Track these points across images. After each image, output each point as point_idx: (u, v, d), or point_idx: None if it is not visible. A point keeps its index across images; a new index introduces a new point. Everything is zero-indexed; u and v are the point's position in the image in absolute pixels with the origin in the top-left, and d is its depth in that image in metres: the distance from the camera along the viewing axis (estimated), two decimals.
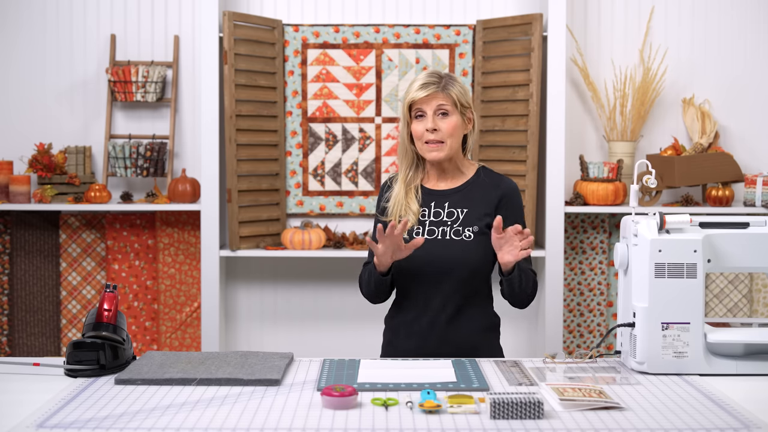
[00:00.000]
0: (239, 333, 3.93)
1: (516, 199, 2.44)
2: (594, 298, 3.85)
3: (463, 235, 2.39)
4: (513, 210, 2.42)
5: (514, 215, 2.41)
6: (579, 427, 1.71)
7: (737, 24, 3.88)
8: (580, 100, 3.90)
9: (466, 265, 2.38)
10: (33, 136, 3.83)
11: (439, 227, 2.41)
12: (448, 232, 2.40)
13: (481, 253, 2.38)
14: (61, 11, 3.86)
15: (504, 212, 2.39)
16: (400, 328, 2.46)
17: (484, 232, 2.38)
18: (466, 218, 2.40)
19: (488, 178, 2.45)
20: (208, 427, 1.71)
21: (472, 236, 2.39)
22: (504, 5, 3.86)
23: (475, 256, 2.38)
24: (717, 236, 2.15)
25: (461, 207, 2.42)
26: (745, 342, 2.14)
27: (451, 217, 2.41)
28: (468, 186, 2.44)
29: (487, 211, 2.40)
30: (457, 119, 2.38)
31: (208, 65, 3.62)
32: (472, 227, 2.39)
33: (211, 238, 3.65)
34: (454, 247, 2.38)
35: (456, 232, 2.40)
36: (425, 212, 2.43)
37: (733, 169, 3.69)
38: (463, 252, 2.38)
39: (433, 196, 2.45)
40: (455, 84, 2.38)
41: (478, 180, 2.45)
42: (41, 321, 3.85)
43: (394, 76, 3.80)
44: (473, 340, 2.42)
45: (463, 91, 2.40)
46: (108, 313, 2.15)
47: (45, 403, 1.85)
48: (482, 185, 2.43)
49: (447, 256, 2.38)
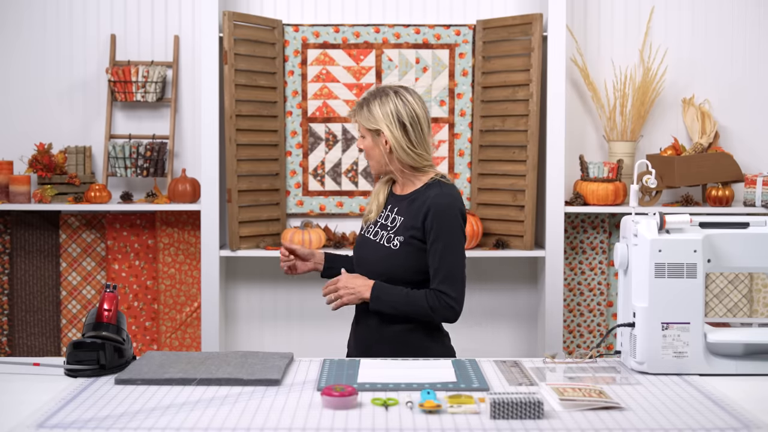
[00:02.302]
0: (239, 333, 3.93)
1: (440, 214, 2.42)
2: (594, 298, 3.85)
3: (392, 243, 2.48)
4: (436, 226, 2.42)
5: (436, 232, 2.42)
6: (579, 427, 1.71)
7: (737, 24, 3.88)
8: (580, 100, 3.90)
9: (388, 271, 2.46)
10: (33, 136, 3.83)
11: (382, 231, 2.52)
12: (384, 238, 2.50)
13: (403, 263, 2.45)
14: (61, 11, 3.86)
15: (428, 225, 2.43)
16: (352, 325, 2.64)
17: (410, 243, 2.44)
18: (399, 227, 2.48)
19: (429, 191, 2.48)
20: (208, 427, 1.71)
21: (398, 245, 2.46)
22: (504, 5, 3.86)
23: (396, 264, 2.46)
24: (717, 236, 2.16)
25: (401, 215, 2.50)
26: (745, 342, 2.14)
27: (393, 224, 2.51)
28: (412, 196, 2.50)
29: (415, 224, 2.45)
30: (369, 142, 2.50)
31: (208, 65, 3.62)
32: (399, 237, 2.46)
33: (211, 238, 3.65)
34: (381, 253, 2.49)
35: (389, 239, 2.49)
36: (384, 214, 2.55)
37: (733, 169, 3.69)
38: (387, 259, 2.47)
39: (391, 199, 2.57)
40: (362, 110, 2.50)
41: (421, 192, 2.49)
42: (41, 321, 3.85)
43: (394, 76, 3.80)
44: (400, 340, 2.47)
45: (370, 115, 2.48)
46: (108, 313, 2.15)
47: (45, 403, 1.85)
48: (421, 197, 2.48)
49: (375, 261, 2.50)
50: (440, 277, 2.41)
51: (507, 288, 3.92)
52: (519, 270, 3.92)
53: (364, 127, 2.50)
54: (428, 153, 2.51)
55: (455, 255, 2.42)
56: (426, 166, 2.52)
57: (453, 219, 2.43)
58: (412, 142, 2.47)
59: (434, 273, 2.42)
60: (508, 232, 3.72)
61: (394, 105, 2.47)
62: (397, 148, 2.47)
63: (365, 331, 2.54)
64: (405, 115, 2.46)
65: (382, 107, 2.47)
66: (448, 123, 3.81)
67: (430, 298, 2.41)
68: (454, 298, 2.41)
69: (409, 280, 2.46)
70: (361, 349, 2.54)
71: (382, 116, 2.47)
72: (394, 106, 2.47)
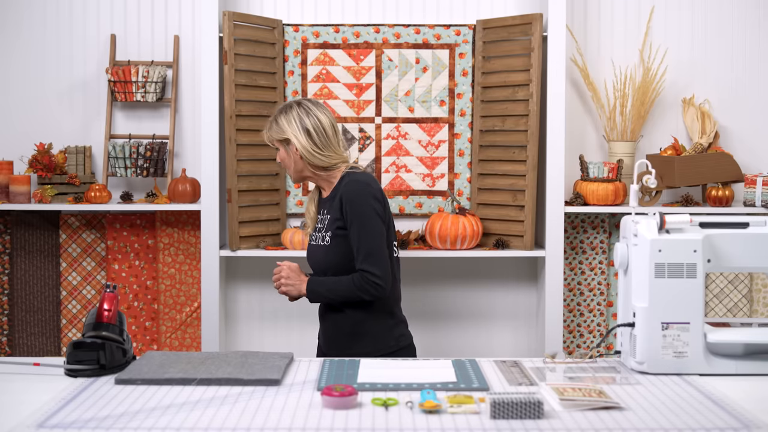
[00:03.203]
0: (239, 333, 3.93)
1: (352, 200, 2.68)
2: (594, 298, 3.85)
3: (324, 240, 2.75)
4: (351, 212, 2.67)
5: (351, 217, 2.67)
6: (579, 427, 1.71)
7: (737, 24, 3.88)
8: (580, 100, 3.90)
9: (326, 265, 2.74)
10: (33, 136, 3.83)
11: (318, 233, 2.80)
12: (319, 238, 2.78)
13: (337, 254, 2.71)
14: (61, 11, 3.86)
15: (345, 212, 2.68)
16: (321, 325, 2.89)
17: (337, 235, 2.71)
18: (327, 224, 2.75)
19: (341, 183, 2.75)
20: (208, 427, 1.71)
21: (329, 240, 2.73)
22: (504, 5, 3.86)
23: (331, 257, 2.72)
24: (717, 236, 2.16)
25: (327, 214, 2.77)
26: (744, 342, 2.14)
27: (322, 224, 2.79)
28: (332, 194, 2.78)
29: (336, 215, 2.72)
30: (282, 152, 2.81)
31: (208, 65, 3.62)
32: (328, 233, 2.74)
33: (211, 238, 3.65)
34: (320, 252, 2.76)
35: (322, 237, 2.76)
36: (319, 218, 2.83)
37: (733, 169, 3.69)
38: (325, 254, 2.74)
39: (321, 204, 2.86)
40: (273, 126, 2.81)
41: (337, 188, 2.77)
42: (41, 321, 3.85)
43: (394, 76, 3.80)
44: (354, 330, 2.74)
45: (278, 128, 2.79)
46: (108, 313, 2.15)
47: (45, 403, 1.85)
48: (338, 191, 2.75)
49: (318, 261, 2.77)
50: (361, 257, 2.65)
51: (507, 288, 3.92)
52: (519, 270, 3.92)
53: (276, 139, 2.80)
54: (337, 153, 2.79)
55: (371, 235, 2.66)
56: (337, 164, 2.79)
57: (364, 202, 2.68)
58: (317, 146, 2.75)
59: (356, 255, 2.66)
60: (508, 232, 3.72)
61: (297, 115, 2.77)
62: (305, 153, 2.75)
63: (329, 326, 2.82)
64: (309, 123, 2.75)
65: (287, 119, 2.78)
66: (448, 123, 3.81)
67: (355, 280, 2.65)
68: (378, 276, 2.64)
69: (338, 268, 2.71)
70: (328, 344, 2.82)
71: (287, 127, 2.77)
72: (297, 116, 2.77)
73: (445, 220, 3.61)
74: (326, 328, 2.84)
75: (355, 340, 2.73)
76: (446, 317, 3.92)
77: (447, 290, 3.89)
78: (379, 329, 2.75)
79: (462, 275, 3.90)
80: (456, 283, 3.90)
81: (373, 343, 2.72)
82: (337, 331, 2.78)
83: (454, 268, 3.88)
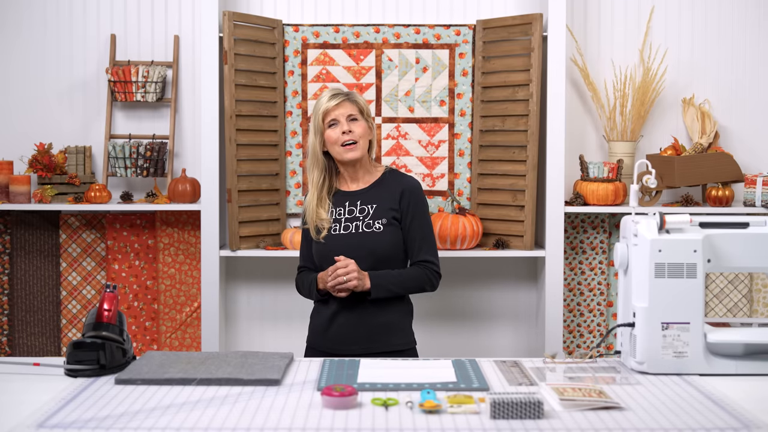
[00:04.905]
0: (239, 333, 3.93)
1: (416, 194, 2.80)
2: (594, 298, 3.85)
3: (374, 227, 2.75)
4: (414, 204, 2.78)
5: (414, 209, 2.77)
6: (579, 427, 1.71)
7: (737, 24, 3.88)
8: (580, 100, 3.90)
9: (378, 252, 2.74)
10: (33, 136, 3.83)
11: (353, 222, 2.77)
12: (360, 226, 2.76)
13: (392, 241, 2.75)
14: (61, 11, 3.86)
15: (405, 204, 2.77)
16: (325, 322, 2.82)
17: (392, 223, 2.76)
18: (375, 212, 2.77)
19: (392, 178, 2.83)
20: (208, 427, 1.71)
21: (382, 227, 2.75)
22: (504, 5, 3.86)
23: (386, 244, 2.74)
24: (717, 236, 2.16)
25: (371, 203, 2.78)
26: (744, 342, 2.14)
27: (363, 213, 2.77)
28: (376, 185, 2.82)
29: (393, 205, 2.77)
30: (365, 124, 2.80)
31: (208, 65, 3.62)
32: (381, 219, 2.76)
33: (211, 238, 3.65)
34: (366, 238, 2.74)
35: (367, 225, 2.76)
36: (341, 211, 2.80)
37: (733, 169, 3.69)
38: (375, 241, 2.74)
39: (347, 196, 2.82)
40: (358, 96, 2.82)
41: (384, 180, 2.83)
42: (41, 321, 3.85)
43: (394, 76, 3.80)
44: (389, 322, 2.76)
45: (365, 103, 2.84)
46: (108, 313, 2.15)
47: (45, 403, 1.85)
48: (388, 183, 2.82)
49: (362, 246, 2.73)
50: (424, 249, 2.76)
51: (507, 288, 3.92)
52: (519, 270, 3.92)
53: (360, 111, 2.79)
54: None
55: (431, 229, 2.81)
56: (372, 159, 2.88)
57: (424, 199, 2.84)
58: None
59: (417, 246, 2.76)
60: (508, 232, 3.72)
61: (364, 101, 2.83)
62: (373, 138, 2.84)
63: (355, 320, 2.75)
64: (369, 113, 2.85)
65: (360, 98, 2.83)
66: (448, 123, 3.81)
67: (424, 271, 2.75)
68: (438, 264, 2.80)
69: (396, 257, 2.77)
70: (343, 340, 2.76)
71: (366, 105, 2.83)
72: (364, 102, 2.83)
73: (445, 220, 3.61)
74: (351, 323, 2.76)
75: (389, 334, 2.76)
76: (446, 317, 3.92)
77: (447, 290, 3.89)
78: (408, 324, 2.84)
79: (462, 275, 3.90)
80: (456, 283, 3.90)
81: (404, 336, 2.81)
82: (367, 324, 2.74)
83: (454, 268, 3.88)
